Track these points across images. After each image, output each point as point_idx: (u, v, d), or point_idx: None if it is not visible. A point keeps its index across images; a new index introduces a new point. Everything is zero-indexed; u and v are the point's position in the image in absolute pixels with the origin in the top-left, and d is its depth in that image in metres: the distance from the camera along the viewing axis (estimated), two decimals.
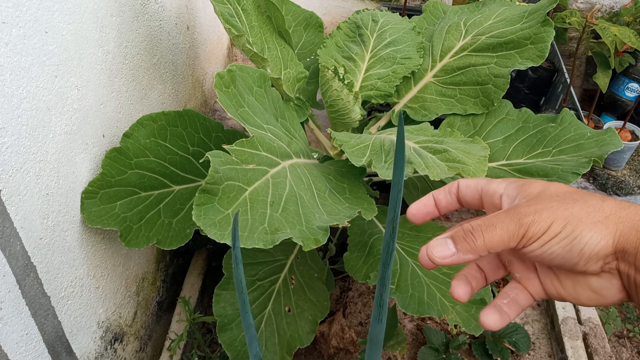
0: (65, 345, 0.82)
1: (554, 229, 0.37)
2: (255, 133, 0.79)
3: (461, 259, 0.39)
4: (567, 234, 0.36)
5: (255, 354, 0.51)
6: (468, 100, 1.09)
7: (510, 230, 0.38)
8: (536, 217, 0.37)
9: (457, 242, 0.39)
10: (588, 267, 0.37)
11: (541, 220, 0.37)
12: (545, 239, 0.37)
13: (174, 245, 0.91)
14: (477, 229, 0.39)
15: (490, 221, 0.39)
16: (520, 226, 0.37)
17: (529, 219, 0.37)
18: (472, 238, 0.39)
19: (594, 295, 0.39)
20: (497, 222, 0.38)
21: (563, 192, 0.39)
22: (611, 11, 1.87)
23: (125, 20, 0.94)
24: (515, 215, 0.38)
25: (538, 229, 0.37)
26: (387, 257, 0.41)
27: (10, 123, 0.64)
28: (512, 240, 0.38)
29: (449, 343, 1.21)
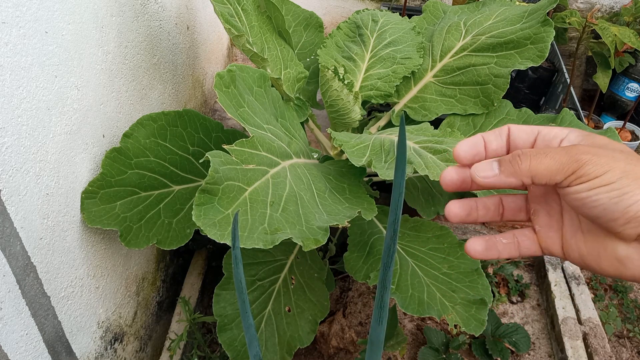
0: (65, 345, 0.82)
1: (609, 176, 0.35)
2: (255, 133, 0.79)
3: (503, 181, 0.38)
4: (620, 186, 0.35)
5: (255, 354, 0.51)
6: (468, 100, 1.09)
7: (562, 162, 0.36)
8: (594, 158, 0.35)
9: (501, 164, 0.38)
10: (625, 228, 0.36)
11: (598, 163, 0.35)
12: (596, 183, 0.35)
13: (174, 245, 0.91)
14: (527, 153, 0.37)
15: (542, 150, 0.37)
16: (574, 161, 0.36)
17: (585, 157, 0.35)
18: (518, 161, 0.37)
19: (616, 264, 0.38)
20: (549, 152, 0.37)
21: (629, 151, 0.37)
22: (611, 11, 1.87)
23: (125, 20, 0.94)
24: (572, 150, 0.36)
25: (592, 170, 0.35)
26: (388, 259, 0.41)
27: (10, 123, 0.64)
28: (560, 173, 0.36)
29: (449, 343, 1.22)
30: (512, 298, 1.41)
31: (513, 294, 1.41)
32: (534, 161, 0.37)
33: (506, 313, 1.38)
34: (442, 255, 1.02)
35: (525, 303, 1.40)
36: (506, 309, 1.39)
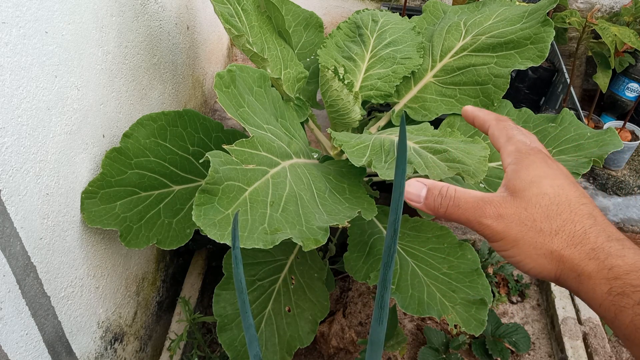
0: (65, 345, 0.82)
1: (503, 245, 0.40)
2: (255, 133, 0.79)
3: (423, 209, 0.44)
4: (513, 255, 0.39)
5: (255, 354, 0.51)
6: (468, 100, 1.09)
7: (470, 221, 0.41)
8: (494, 226, 0.40)
9: (427, 197, 0.43)
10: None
11: (495, 231, 0.40)
12: (495, 247, 0.40)
13: (174, 245, 0.91)
14: (448, 199, 0.42)
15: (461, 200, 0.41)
16: (478, 224, 0.41)
17: (486, 222, 0.40)
18: (439, 203, 0.42)
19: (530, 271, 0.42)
20: (464, 207, 0.41)
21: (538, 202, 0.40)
22: (611, 11, 1.87)
23: (125, 20, 0.94)
24: (480, 212, 0.41)
25: (490, 236, 0.40)
26: (389, 259, 0.41)
27: (10, 123, 0.64)
28: (468, 226, 0.41)
29: (449, 343, 1.22)
30: (512, 298, 1.41)
31: (513, 294, 1.41)
32: (449, 210, 0.42)
33: (506, 313, 1.38)
34: (442, 255, 1.02)
35: (525, 303, 1.40)
36: (506, 309, 1.39)
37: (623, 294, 0.35)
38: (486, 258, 1.41)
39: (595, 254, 0.37)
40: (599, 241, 0.37)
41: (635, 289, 0.34)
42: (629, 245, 0.37)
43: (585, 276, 0.37)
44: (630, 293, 0.34)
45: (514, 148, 0.44)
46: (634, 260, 0.36)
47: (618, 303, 0.35)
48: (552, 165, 0.42)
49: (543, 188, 0.40)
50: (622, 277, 0.35)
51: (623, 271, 0.35)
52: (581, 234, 0.38)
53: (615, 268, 0.36)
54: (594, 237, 0.37)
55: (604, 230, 0.38)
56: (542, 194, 0.40)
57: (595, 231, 0.38)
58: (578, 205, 0.39)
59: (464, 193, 0.42)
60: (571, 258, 0.37)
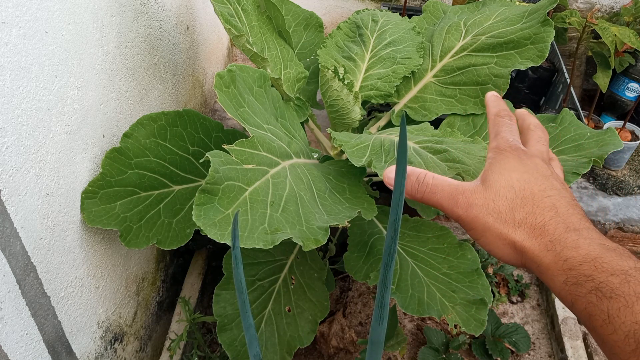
0: (65, 345, 0.82)
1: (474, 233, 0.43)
2: (255, 133, 0.79)
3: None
4: (484, 243, 0.42)
5: (255, 354, 0.51)
6: (468, 100, 1.09)
7: (444, 207, 0.44)
8: (465, 213, 0.43)
9: (406, 183, 0.45)
10: None
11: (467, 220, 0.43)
12: (468, 233, 0.43)
13: (174, 245, 0.91)
14: (426, 185, 0.45)
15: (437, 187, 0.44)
16: (452, 212, 0.44)
17: (458, 212, 0.43)
18: (417, 187, 0.45)
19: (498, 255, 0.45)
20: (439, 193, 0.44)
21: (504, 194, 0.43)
22: (611, 11, 1.87)
23: (125, 20, 0.94)
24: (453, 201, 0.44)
25: (463, 224, 0.43)
26: (389, 259, 0.41)
27: (10, 123, 0.64)
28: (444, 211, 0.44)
29: (449, 343, 1.22)
30: (512, 298, 1.41)
31: (513, 294, 1.41)
32: (427, 195, 0.45)
33: (506, 313, 1.38)
34: (442, 256, 1.02)
35: (525, 303, 1.40)
36: (506, 309, 1.39)
37: (577, 284, 0.37)
38: (486, 258, 1.41)
39: (553, 246, 0.39)
40: (557, 233, 0.39)
41: (587, 278, 0.36)
42: (585, 235, 0.39)
43: (544, 267, 0.39)
44: (583, 282, 0.36)
45: (495, 144, 0.47)
46: (587, 251, 0.38)
47: (573, 292, 0.37)
48: (525, 161, 0.44)
49: (511, 181, 0.43)
50: (575, 268, 0.37)
51: (577, 262, 0.37)
52: (541, 226, 0.40)
53: (570, 259, 0.38)
54: (553, 228, 0.40)
55: (564, 221, 0.40)
56: (509, 187, 0.42)
57: (555, 223, 0.40)
58: (541, 198, 0.41)
59: (441, 181, 0.45)
60: (532, 250, 0.40)
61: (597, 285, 0.36)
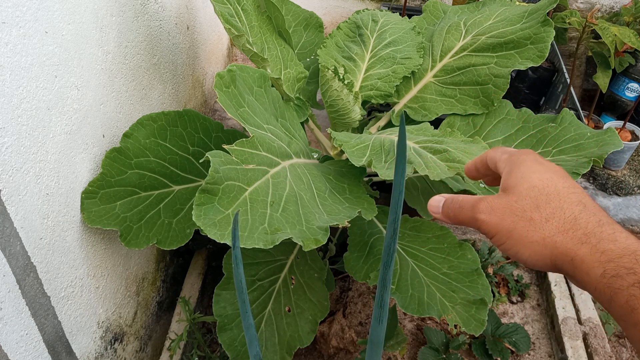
0: (65, 345, 0.82)
1: (499, 239, 0.42)
2: (255, 133, 0.79)
3: (442, 219, 0.47)
4: (509, 247, 0.41)
5: (255, 354, 0.51)
6: (468, 100, 1.09)
7: (470, 218, 0.44)
8: (487, 219, 0.42)
9: (443, 207, 0.47)
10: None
11: (490, 226, 0.42)
12: (493, 241, 0.42)
13: (174, 245, 0.91)
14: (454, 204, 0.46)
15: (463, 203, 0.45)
16: (475, 220, 0.43)
17: (481, 217, 0.43)
18: (450, 209, 0.46)
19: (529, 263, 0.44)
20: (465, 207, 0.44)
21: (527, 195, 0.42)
22: (611, 11, 1.87)
23: (125, 20, 0.94)
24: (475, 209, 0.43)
25: (486, 231, 0.42)
26: (388, 259, 0.41)
27: (10, 123, 0.64)
28: (470, 225, 0.44)
29: (449, 343, 1.22)
30: (512, 298, 1.41)
31: (513, 294, 1.41)
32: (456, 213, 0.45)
33: (506, 313, 1.38)
34: (442, 256, 1.02)
35: (525, 303, 1.40)
36: (506, 309, 1.39)
37: (617, 276, 0.35)
38: (486, 258, 1.41)
39: (587, 239, 0.38)
40: (589, 226, 0.38)
41: (629, 271, 0.35)
42: (619, 229, 0.38)
43: (579, 260, 0.38)
44: (625, 275, 0.35)
45: (507, 156, 0.46)
46: (627, 244, 0.37)
47: (612, 285, 0.36)
48: (543, 163, 0.44)
49: (532, 182, 0.42)
50: (615, 261, 0.36)
51: (616, 255, 0.36)
52: (571, 220, 0.39)
53: (608, 252, 0.36)
54: (584, 222, 0.39)
55: (594, 215, 0.39)
56: (532, 187, 0.42)
57: (586, 217, 0.39)
58: (567, 194, 0.41)
59: (467, 197, 0.45)
60: (563, 243, 0.39)
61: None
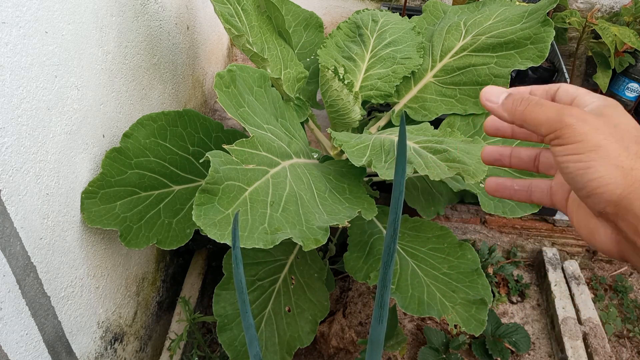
0: (65, 345, 0.82)
1: (580, 147, 0.36)
2: (255, 133, 0.79)
3: (498, 113, 0.41)
4: (587, 159, 0.36)
5: (255, 354, 0.51)
6: (468, 100, 1.09)
7: (549, 118, 0.38)
8: (577, 124, 0.37)
9: (507, 98, 0.41)
10: (587, 201, 0.37)
11: (577, 131, 0.36)
12: (567, 149, 0.37)
13: (174, 245, 0.91)
14: (529, 100, 0.40)
15: (542, 101, 0.39)
16: (558, 121, 0.37)
17: (569, 120, 0.37)
18: (519, 103, 0.40)
19: (589, 232, 0.40)
20: (546, 104, 0.39)
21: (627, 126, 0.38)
22: (611, 11, 1.87)
23: (125, 20, 0.94)
24: (563, 110, 0.38)
25: (568, 135, 0.37)
26: (388, 258, 0.41)
27: (10, 123, 0.64)
28: (544, 126, 0.38)
29: (449, 343, 1.22)
30: (512, 298, 1.41)
31: (513, 294, 1.41)
32: (529, 108, 0.39)
33: (506, 313, 1.38)
34: (442, 255, 1.02)
35: (525, 303, 1.40)
36: (506, 309, 1.39)
37: None
38: (486, 258, 1.41)
39: None
40: None
41: None
42: None
43: None
44: None
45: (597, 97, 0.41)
46: None
47: None
48: None
49: (633, 123, 0.38)
50: None
51: None
52: None
53: None
54: None
55: None
56: (634, 127, 0.38)
57: None
58: None
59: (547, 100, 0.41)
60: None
61: None
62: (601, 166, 0.35)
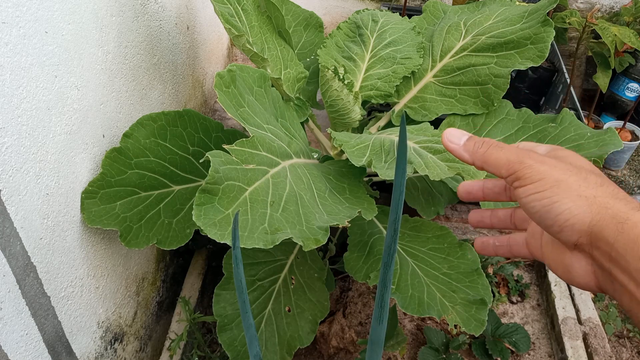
0: (65, 345, 0.82)
1: (541, 185, 0.38)
2: (255, 133, 0.79)
3: (459, 154, 0.43)
4: (550, 195, 0.37)
5: (255, 354, 0.51)
6: (468, 100, 1.09)
7: (509, 160, 0.40)
8: (535, 164, 0.38)
9: (468, 140, 0.43)
10: (561, 236, 0.38)
11: (536, 170, 0.38)
12: (530, 189, 0.38)
13: (174, 245, 0.91)
14: (490, 142, 0.42)
15: (503, 145, 0.41)
16: (518, 162, 0.39)
17: (529, 162, 0.39)
18: (480, 145, 0.42)
19: (565, 270, 0.40)
20: (507, 147, 0.41)
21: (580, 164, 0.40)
22: (611, 11, 1.87)
23: (125, 20, 0.94)
24: (522, 153, 0.40)
25: (528, 175, 0.38)
26: (389, 259, 0.41)
27: (10, 123, 0.64)
28: (504, 169, 0.40)
29: (449, 343, 1.22)
30: (512, 298, 1.41)
31: (513, 294, 1.41)
32: (490, 150, 0.41)
33: (506, 313, 1.38)
34: (442, 255, 1.02)
35: (525, 303, 1.40)
36: (506, 309, 1.39)
37: None
38: (486, 258, 1.41)
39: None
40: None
41: None
42: None
43: (631, 224, 0.35)
44: None
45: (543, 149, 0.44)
46: None
47: None
48: None
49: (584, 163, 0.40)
50: None
51: None
52: (623, 196, 0.37)
53: None
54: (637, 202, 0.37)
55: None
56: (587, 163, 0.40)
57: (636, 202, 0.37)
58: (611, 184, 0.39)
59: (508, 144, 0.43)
60: (617, 206, 0.36)
61: None
62: (566, 198, 0.37)
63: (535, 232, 0.46)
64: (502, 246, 0.50)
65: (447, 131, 0.44)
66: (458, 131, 0.44)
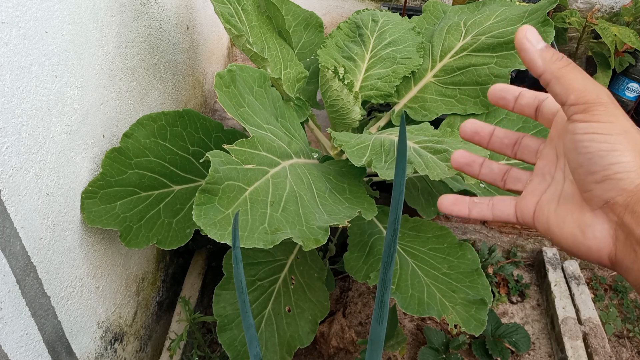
0: (65, 345, 0.82)
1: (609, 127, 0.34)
2: (255, 133, 0.79)
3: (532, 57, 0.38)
4: (614, 142, 0.34)
5: (255, 354, 0.51)
6: (468, 100, 1.09)
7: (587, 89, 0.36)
8: (611, 106, 0.35)
9: (547, 47, 0.38)
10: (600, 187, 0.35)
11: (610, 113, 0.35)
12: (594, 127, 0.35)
13: (174, 245, 0.91)
14: (570, 61, 0.37)
15: (583, 72, 0.37)
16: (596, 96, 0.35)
17: (606, 100, 0.35)
18: (560, 57, 0.37)
19: (577, 232, 0.38)
20: (587, 76, 0.36)
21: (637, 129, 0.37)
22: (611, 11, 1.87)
23: (125, 20, 0.94)
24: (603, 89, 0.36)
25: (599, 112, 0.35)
26: (389, 259, 0.41)
27: (10, 123, 0.64)
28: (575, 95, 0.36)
29: (449, 343, 1.22)
30: (512, 298, 1.41)
31: (513, 294, 1.41)
32: (569, 68, 0.37)
33: (506, 313, 1.38)
34: (442, 255, 1.02)
35: (525, 303, 1.40)
36: (506, 309, 1.39)
37: None
38: (486, 258, 1.41)
39: None
40: None
41: None
42: None
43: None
44: None
45: None
46: None
47: None
48: None
49: None
50: None
51: None
52: None
53: None
54: None
55: None
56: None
57: None
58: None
59: None
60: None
61: None
62: (627, 151, 0.34)
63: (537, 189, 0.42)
64: (482, 203, 0.44)
65: (527, 29, 0.38)
66: (537, 34, 0.38)
